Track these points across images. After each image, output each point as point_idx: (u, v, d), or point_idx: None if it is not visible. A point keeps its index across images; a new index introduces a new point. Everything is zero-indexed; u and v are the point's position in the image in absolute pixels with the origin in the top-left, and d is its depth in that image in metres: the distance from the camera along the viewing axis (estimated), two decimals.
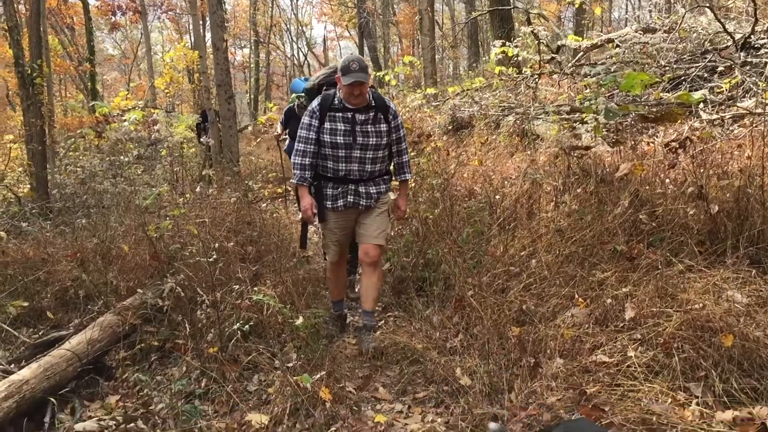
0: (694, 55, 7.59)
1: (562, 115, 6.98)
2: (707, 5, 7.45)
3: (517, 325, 3.29)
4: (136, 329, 3.73)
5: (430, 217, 4.75)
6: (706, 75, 6.92)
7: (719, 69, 6.81)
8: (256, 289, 3.83)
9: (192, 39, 25.11)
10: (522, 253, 4.00)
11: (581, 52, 10.18)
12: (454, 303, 3.74)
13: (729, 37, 7.00)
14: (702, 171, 4.04)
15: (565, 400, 2.63)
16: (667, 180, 4.26)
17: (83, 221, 6.09)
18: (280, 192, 8.00)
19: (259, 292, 3.69)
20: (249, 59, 31.46)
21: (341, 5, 27.53)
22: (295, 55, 34.95)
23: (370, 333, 3.67)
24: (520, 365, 2.96)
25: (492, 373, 2.95)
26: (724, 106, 5.94)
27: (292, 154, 3.65)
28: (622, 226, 3.88)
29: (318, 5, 34.66)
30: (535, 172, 5.11)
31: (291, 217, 7.15)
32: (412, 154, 3.94)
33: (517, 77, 9.65)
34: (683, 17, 7.97)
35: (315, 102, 3.62)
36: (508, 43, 9.60)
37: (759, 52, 6.69)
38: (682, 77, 6.98)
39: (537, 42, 9.97)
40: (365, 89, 3.48)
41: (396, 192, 3.97)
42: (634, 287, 3.24)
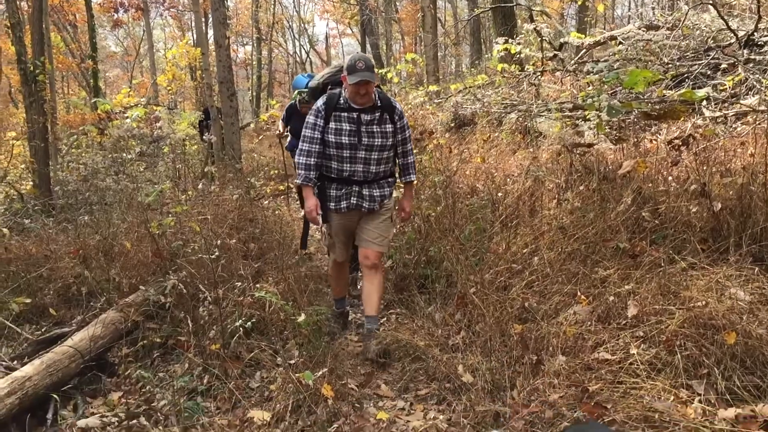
0: (697, 53, 7.56)
1: (564, 113, 6.97)
2: (711, 2, 7.39)
3: (519, 322, 3.29)
4: (138, 326, 3.74)
5: (433, 214, 4.75)
6: (709, 72, 6.90)
7: (722, 66, 6.79)
8: (258, 286, 3.84)
9: (194, 36, 25.17)
10: (524, 250, 3.99)
11: (584, 50, 10.17)
12: (456, 300, 3.73)
13: (732, 34, 6.97)
14: (705, 168, 4.02)
15: (568, 398, 2.62)
16: (669, 177, 4.25)
17: (86, 218, 6.10)
18: (282, 189, 8.01)
19: (261, 289, 3.69)
20: (251, 56, 31.47)
21: (343, 2, 27.47)
22: (297, 52, 34.98)
23: (375, 339, 3.56)
24: (522, 362, 2.95)
25: (494, 371, 2.95)
26: (727, 104, 5.92)
27: (297, 153, 3.58)
28: (624, 223, 3.87)
29: (320, 2, 34.63)
30: (538, 170, 5.10)
31: (293, 215, 7.16)
32: (414, 151, 3.91)
33: (519, 74, 9.63)
34: (686, 14, 7.94)
35: (320, 101, 3.55)
36: (511, 40, 9.57)
37: (762, 50, 6.66)
38: (686, 74, 6.96)
39: (540, 39, 9.95)
40: (371, 89, 3.41)
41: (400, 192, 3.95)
42: (636, 285, 3.23)
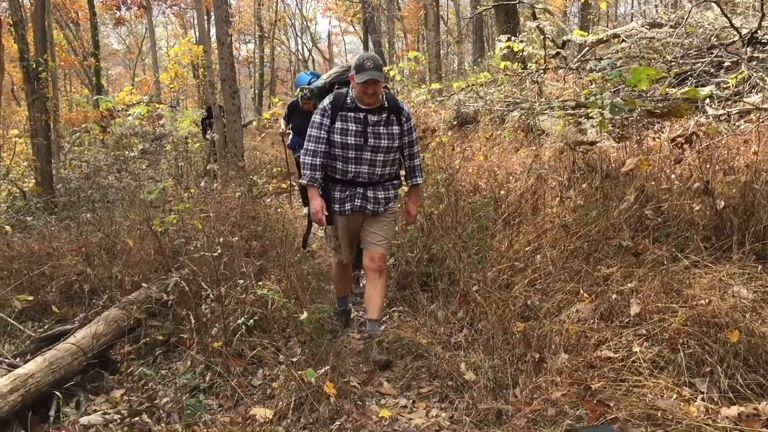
0: (700, 51, 7.54)
1: (567, 111, 6.95)
2: (714, 0, 7.38)
3: (521, 320, 3.28)
4: (140, 323, 3.75)
5: (435, 212, 4.74)
6: (712, 70, 6.88)
7: (726, 64, 6.77)
8: (260, 283, 3.83)
9: (197, 34, 25.13)
10: (527, 248, 3.99)
11: (587, 47, 10.15)
12: (458, 298, 3.73)
13: (736, 32, 6.95)
14: (708, 166, 4.01)
15: (570, 396, 2.62)
16: (672, 175, 4.24)
17: (88, 216, 6.11)
18: (284, 187, 8.00)
19: (264, 286, 3.68)
20: (253, 54, 31.49)
21: (346, 0, 27.45)
22: (300, 50, 35.02)
23: (377, 346, 3.50)
24: (525, 360, 2.95)
25: (496, 368, 2.95)
26: (730, 102, 5.91)
27: (302, 153, 3.54)
28: (627, 221, 3.86)
29: (322, 0, 34.59)
30: (540, 168, 5.08)
31: (295, 212, 7.16)
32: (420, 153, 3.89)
33: (522, 72, 9.62)
34: (690, 12, 7.92)
35: (326, 100, 3.50)
36: (514, 38, 9.55)
37: (766, 48, 6.65)
38: (689, 72, 6.95)
39: (542, 37, 9.91)
40: (379, 88, 3.37)
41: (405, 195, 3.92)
42: (639, 283, 3.23)
